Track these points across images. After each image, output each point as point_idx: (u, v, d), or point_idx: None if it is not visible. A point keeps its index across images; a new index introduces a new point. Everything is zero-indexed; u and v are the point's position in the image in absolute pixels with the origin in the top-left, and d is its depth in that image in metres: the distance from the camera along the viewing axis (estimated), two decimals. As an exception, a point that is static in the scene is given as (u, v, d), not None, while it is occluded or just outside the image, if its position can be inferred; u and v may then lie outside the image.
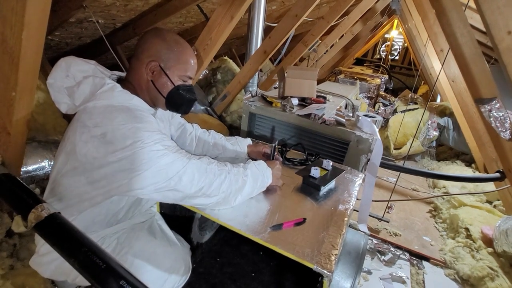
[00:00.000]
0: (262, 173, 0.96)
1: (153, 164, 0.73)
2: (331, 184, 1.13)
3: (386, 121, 3.48)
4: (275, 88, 2.37)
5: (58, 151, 0.84)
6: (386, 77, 4.98)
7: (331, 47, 4.59)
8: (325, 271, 0.72)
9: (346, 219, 0.94)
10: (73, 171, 0.78)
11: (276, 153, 1.23)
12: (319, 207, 0.99)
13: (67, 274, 0.87)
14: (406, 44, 7.15)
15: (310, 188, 1.09)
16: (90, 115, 0.75)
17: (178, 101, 0.91)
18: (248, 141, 1.30)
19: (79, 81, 0.80)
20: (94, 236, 0.85)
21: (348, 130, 1.40)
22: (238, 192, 0.88)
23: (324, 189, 1.09)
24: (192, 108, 2.34)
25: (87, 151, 0.74)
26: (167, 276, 0.89)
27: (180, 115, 1.20)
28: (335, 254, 0.77)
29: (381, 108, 3.94)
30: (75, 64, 0.82)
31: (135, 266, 0.85)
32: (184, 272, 0.96)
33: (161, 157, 0.74)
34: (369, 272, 1.64)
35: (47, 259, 0.86)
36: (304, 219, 0.90)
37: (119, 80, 0.90)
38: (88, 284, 0.85)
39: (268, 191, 1.02)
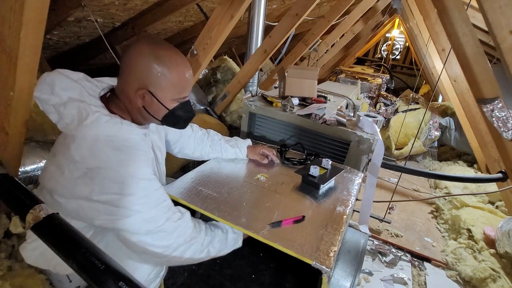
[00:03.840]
0: (232, 245, 0.96)
1: (136, 213, 0.73)
2: (331, 183, 1.13)
3: (388, 121, 3.47)
4: (275, 87, 2.36)
5: (49, 163, 0.81)
6: (388, 76, 4.96)
7: (332, 46, 4.57)
8: (324, 267, 0.72)
9: (345, 217, 0.94)
10: (60, 191, 0.76)
11: (274, 153, 1.24)
12: (318, 205, 0.99)
13: (48, 262, 0.86)
14: (407, 44, 7.14)
15: (309, 186, 1.10)
16: (78, 147, 0.73)
17: (173, 122, 0.88)
18: (248, 142, 1.30)
19: (64, 102, 0.75)
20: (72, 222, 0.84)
21: (349, 130, 1.39)
22: (196, 259, 0.87)
23: (323, 188, 1.09)
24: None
25: (70, 179, 0.73)
26: (137, 266, 0.88)
27: None
28: (334, 251, 0.78)
29: (382, 108, 3.93)
30: (59, 82, 0.76)
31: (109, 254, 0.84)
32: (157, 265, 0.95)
33: (141, 211, 0.74)
34: (370, 274, 1.63)
35: (32, 246, 0.86)
36: (303, 216, 0.90)
37: (111, 93, 0.85)
38: (68, 271, 0.85)
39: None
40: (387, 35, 7.42)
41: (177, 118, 0.86)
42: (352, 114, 1.67)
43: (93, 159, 0.72)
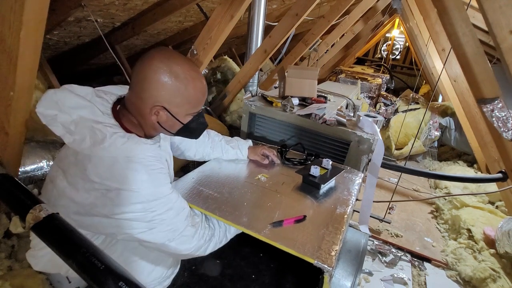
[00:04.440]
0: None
1: (159, 225, 0.76)
2: (331, 183, 1.13)
3: (388, 121, 3.47)
4: (275, 87, 2.36)
5: (57, 175, 0.78)
6: (388, 76, 4.96)
7: (331, 46, 4.57)
8: (326, 266, 0.73)
9: (346, 216, 0.94)
10: (71, 207, 0.76)
11: (274, 153, 1.24)
12: (319, 205, 0.99)
13: (60, 267, 0.87)
14: (407, 44, 7.14)
15: (310, 186, 1.10)
16: (95, 168, 0.71)
17: (188, 134, 0.89)
18: (249, 143, 1.30)
19: (75, 120, 0.72)
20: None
21: (349, 130, 1.39)
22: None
23: (324, 188, 1.09)
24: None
25: (87, 199, 0.73)
26: (153, 267, 0.90)
27: None
28: (335, 250, 0.78)
29: (382, 108, 3.93)
30: (68, 101, 0.73)
31: (124, 257, 0.85)
32: (172, 264, 0.96)
33: (166, 222, 0.77)
34: (370, 274, 1.63)
35: (41, 253, 0.86)
36: (304, 216, 0.90)
37: (120, 105, 0.82)
38: (77, 277, 0.86)
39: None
40: (387, 35, 7.41)
41: (191, 131, 0.87)
42: (352, 114, 1.67)
43: (113, 180, 0.71)
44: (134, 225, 0.74)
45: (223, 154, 1.23)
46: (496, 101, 1.50)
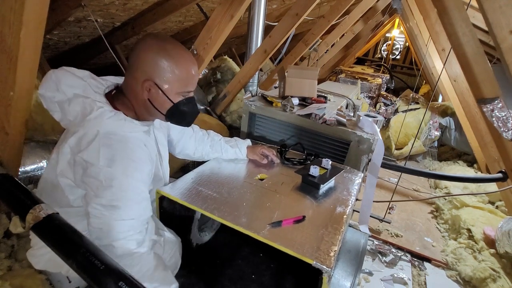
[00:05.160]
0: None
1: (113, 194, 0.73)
2: (331, 183, 1.13)
3: (388, 121, 3.47)
4: (275, 87, 2.36)
5: (50, 165, 0.84)
6: (388, 76, 4.96)
7: (331, 46, 4.57)
8: (325, 267, 0.73)
9: (345, 217, 0.94)
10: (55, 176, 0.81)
11: (273, 153, 1.24)
12: (318, 205, 0.99)
13: (61, 266, 0.87)
14: (407, 44, 7.13)
15: (309, 186, 1.10)
16: (79, 141, 0.75)
17: (178, 117, 0.88)
18: (248, 142, 1.30)
19: (69, 98, 0.78)
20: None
21: (349, 130, 1.39)
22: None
23: (323, 188, 1.09)
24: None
25: (66, 169, 0.77)
26: None
27: None
28: (334, 251, 0.78)
29: (383, 108, 3.93)
30: (65, 80, 0.78)
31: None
32: (172, 267, 0.95)
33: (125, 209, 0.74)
34: (370, 274, 1.63)
35: (41, 252, 0.87)
36: (304, 216, 0.90)
37: (117, 89, 0.87)
38: (78, 277, 0.85)
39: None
40: (387, 35, 7.41)
41: (182, 114, 0.87)
42: (352, 114, 1.67)
43: (88, 154, 0.73)
44: (90, 193, 0.74)
45: (222, 154, 1.23)
46: (496, 101, 1.49)
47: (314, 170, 1.10)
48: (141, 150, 0.80)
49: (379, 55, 7.94)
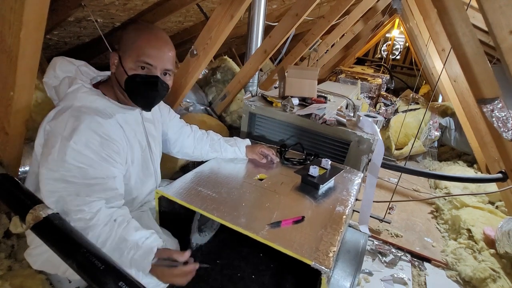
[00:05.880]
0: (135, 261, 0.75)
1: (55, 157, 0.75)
2: (330, 183, 1.13)
3: (388, 121, 3.47)
4: (275, 87, 2.36)
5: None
6: (388, 77, 4.96)
7: (331, 46, 4.57)
8: (323, 267, 0.72)
9: (344, 217, 0.94)
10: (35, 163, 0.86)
11: (273, 152, 1.24)
12: (318, 205, 0.99)
13: (57, 267, 0.87)
14: (407, 44, 7.13)
15: (309, 187, 1.10)
16: (55, 114, 0.81)
17: (134, 93, 0.85)
18: (247, 141, 1.30)
19: (62, 81, 0.85)
20: None
21: (349, 130, 1.39)
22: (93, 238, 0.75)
23: (323, 188, 1.09)
24: (192, 108, 2.32)
25: (38, 142, 0.82)
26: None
27: (179, 117, 1.19)
28: (333, 251, 0.78)
29: (382, 108, 3.93)
30: (60, 64, 0.87)
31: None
32: None
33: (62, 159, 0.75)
34: (370, 274, 1.63)
35: (38, 251, 0.87)
36: (303, 217, 0.90)
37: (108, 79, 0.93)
38: (78, 277, 0.85)
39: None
40: (387, 35, 7.41)
41: (137, 87, 0.83)
42: (352, 114, 1.67)
43: (55, 123, 0.77)
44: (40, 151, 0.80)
45: (222, 153, 1.23)
46: (496, 101, 1.49)
47: (314, 170, 1.10)
48: (112, 128, 0.82)
49: (379, 55, 7.94)
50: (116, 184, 0.81)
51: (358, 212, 1.59)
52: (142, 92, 0.85)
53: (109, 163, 0.79)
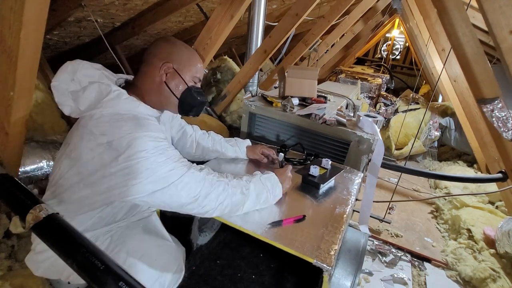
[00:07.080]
0: (268, 189, 0.92)
1: (154, 173, 0.74)
2: (331, 183, 1.13)
3: (388, 121, 3.47)
4: (275, 87, 2.36)
5: (61, 154, 0.84)
6: (388, 76, 4.96)
7: (331, 46, 4.57)
8: (325, 265, 0.73)
9: (345, 216, 0.94)
10: (76, 176, 0.78)
11: (273, 153, 1.24)
12: (318, 205, 0.99)
13: (61, 273, 0.87)
14: (407, 44, 7.13)
15: (309, 186, 1.10)
16: (97, 123, 0.76)
17: (190, 103, 0.93)
18: (247, 142, 1.30)
19: (84, 86, 0.80)
20: (87, 235, 0.84)
21: (349, 130, 1.39)
22: (238, 206, 0.87)
23: (323, 187, 1.09)
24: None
25: (93, 158, 0.75)
26: (158, 275, 0.88)
27: (180, 117, 1.20)
28: (334, 249, 0.78)
29: (382, 108, 3.93)
30: (81, 69, 0.83)
31: (128, 264, 0.84)
32: (176, 271, 0.95)
33: (162, 166, 0.75)
34: (370, 274, 1.63)
35: (42, 257, 0.86)
36: (304, 216, 0.90)
37: (127, 84, 0.92)
38: (82, 282, 0.85)
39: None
40: (387, 35, 7.41)
41: (193, 99, 0.93)
42: (352, 114, 1.67)
43: (114, 132, 0.74)
44: (140, 168, 0.73)
45: (223, 153, 1.24)
46: (496, 101, 1.49)
47: (314, 170, 1.10)
48: (159, 130, 0.83)
49: (379, 55, 7.94)
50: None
51: (358, 212, 1.59)
52: (198, 103, 0.95)
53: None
